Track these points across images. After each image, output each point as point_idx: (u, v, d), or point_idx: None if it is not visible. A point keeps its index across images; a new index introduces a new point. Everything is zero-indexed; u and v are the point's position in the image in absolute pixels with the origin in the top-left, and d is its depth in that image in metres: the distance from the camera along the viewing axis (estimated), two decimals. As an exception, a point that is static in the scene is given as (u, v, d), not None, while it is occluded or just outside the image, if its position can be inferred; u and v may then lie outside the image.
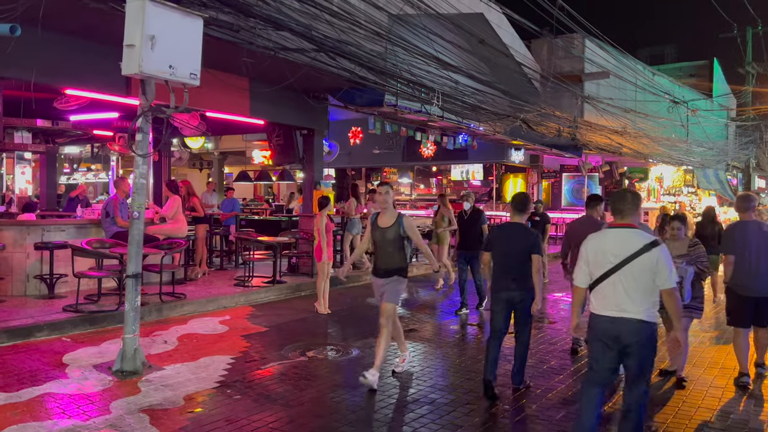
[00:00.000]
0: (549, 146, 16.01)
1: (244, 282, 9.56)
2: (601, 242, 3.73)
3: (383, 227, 5.34)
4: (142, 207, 5.63)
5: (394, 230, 5.30)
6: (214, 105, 8.86)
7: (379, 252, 5.37)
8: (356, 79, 8.44)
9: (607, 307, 3.65)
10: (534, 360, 6.11)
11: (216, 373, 5.48)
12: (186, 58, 5.24)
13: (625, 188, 15.34)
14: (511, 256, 5.03)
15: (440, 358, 6.26)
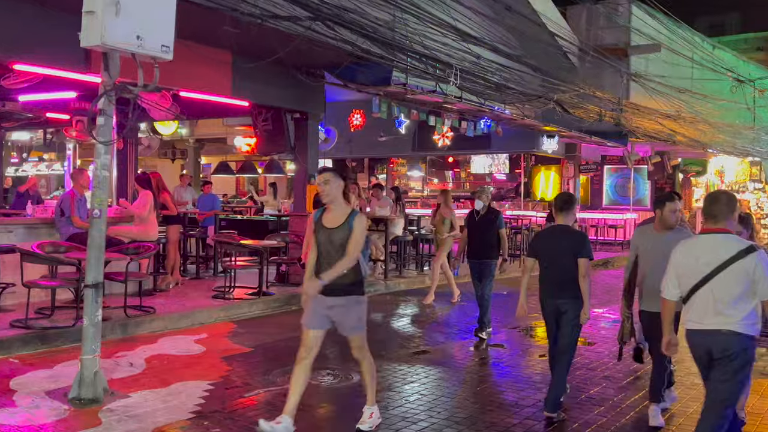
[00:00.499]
0: (588, 133, 15.96)
1: (225, 294, 9.59)
2: (692, 249, 4.10)
3: (330, 228, 4.80)
4: (104, 204, 5.65)
5: (343, 232, 4.75)
6: (189, 83, 8.88)
7: (325, 261, 4.80)
8: (358, 52, 8.43)
9: (699, 319, 3.97)
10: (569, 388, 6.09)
11: (190, 401, 5.49)
12: (157, 28, 5.25)
13: (717, 189, 15.28)
14: (557, 262, 5.39)
15: (457, 385, 6.26)
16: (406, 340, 8.22)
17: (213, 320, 8.67)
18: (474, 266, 8.32)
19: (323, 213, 4.91)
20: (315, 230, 4.94)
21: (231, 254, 10.36)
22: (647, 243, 5.21)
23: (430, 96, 10.86)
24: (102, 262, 5.67)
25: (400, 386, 6.11)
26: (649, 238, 5.22)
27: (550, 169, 21.91)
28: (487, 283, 8.23)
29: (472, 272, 8.36)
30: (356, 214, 4.87)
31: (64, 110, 12.01)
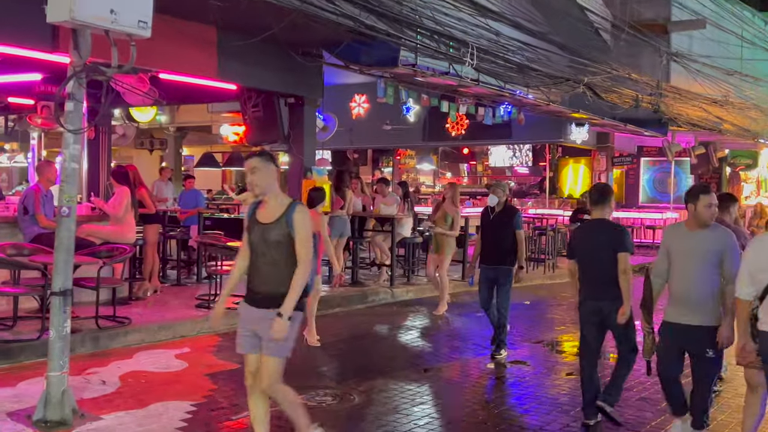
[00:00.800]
0: (622, 121, 15.94)
1: (209, 303, 9.60)
2: (766, 245, 4.46)
3: (264, 223, 4.49)
4: (73, 201, 5.66)
5: (280, 229, 4.42)
6: (170, 64, 8.90)
7: (257, 263, 4.52)
8: (362, 28, 8.43)
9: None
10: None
11: (171, 424, 5.50)
12: (133, 1, 5.26)
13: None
14: (595, 260, 5.59)
15: (473, 407, 6.25)
16: (414, 356, 8.22)
17: (196, 333, 8.67)
18: (486, 273, 8.02)
19: (257, 207, 4.58)
20: (248, 227, 4.59)
21: (216, 258, 10.37)
22: (679, 243, 5.16)
23: (442, 78, 10.85)
24: (71, 266, 5.68)
25: (408, 408, 6.10)
26: (681, 238, 5.17)
27: (579, 161, 21.89)
28: (503, 294, 7.96)
29: (482, 280, 8.06)
30: (296, 206, 4.49)
31: (28, 94, 12.03)
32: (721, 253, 4.93)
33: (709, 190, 5.13)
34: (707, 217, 5.03)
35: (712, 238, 4.99)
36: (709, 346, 4.92)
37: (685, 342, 5.03)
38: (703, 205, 5.00)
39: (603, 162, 20.16)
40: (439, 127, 17.27)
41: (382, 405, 6.19)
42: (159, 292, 10.42)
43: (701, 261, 4.96)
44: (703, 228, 5.04)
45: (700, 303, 4.95)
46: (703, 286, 4.94)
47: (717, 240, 4.98)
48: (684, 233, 5.16)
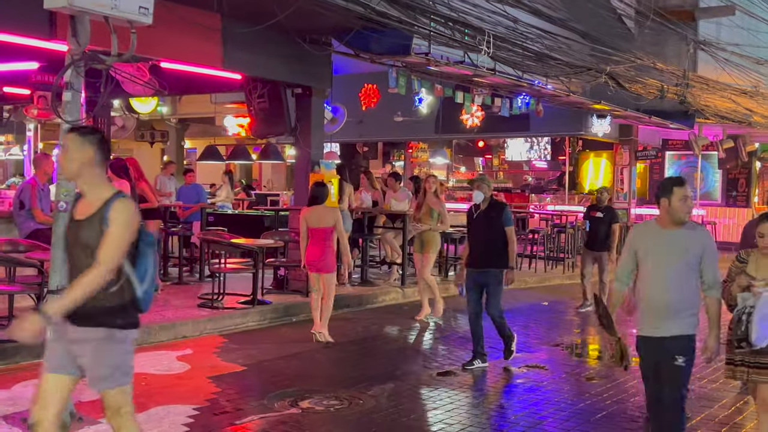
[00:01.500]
0: (647, 113, 15.86)
1: (213, 302, 9.63)
2: None
3: (78, 219, 3.80)
4: (71, 195, 5.67)
5: (93, 227, 3.71)
6: (172, 52, 8.90)
7: (73, 270, 3.82)
8: (372, 15, 8.42)
9: None
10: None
11: (172, 429, 5.52)
12: (133, -14, 5.28)
13: None
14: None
15: (488, 413, 6.24)
16: (427, 359, 8.22)
17: (199, 333, 8.70)
18: (474, 278, 7.65)
19: (77, 200, 3.91)
20: (67, 225, 3.95)
21: (220, 255, 10.39)
22: (651, 244, 4.72)
23: (457, 68, 10.82)
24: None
25: (420, 413, 6.10)
26: (654, 238, 4.73)
27: (600, 155, 21.80)
28: (494, 300, 7.59)
29: (470, 286, 7.70)
30: (119, 197, 3.81)
31: (24, 84, 12.08)
32: (699, 254, 4.58)
33: (684, 182, 4.65)
34: (683, 213, 4.61)
35: (690, 238, 4.64)
36: (679, 352, 4.55)
37: (659, 354, 4.65)
38: (678, 198, 4.57)
39: (626, 156, 20.06)
40: (454, 119, 17.22)
41: (392, 410, 6.19)
42: (160, 290, 10.44)
43: (677, 263, 4.59)
44: (679, 226, 4.64)
45: (676, 311, 4.59)
46: (679, 292, 4.57)
47: (695, 239, 4.63)
48: (656, 232, 4.73)
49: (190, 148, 25.23)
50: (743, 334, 4.69)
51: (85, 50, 5.57)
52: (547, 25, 10.81)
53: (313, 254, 8.50)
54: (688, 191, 4.66)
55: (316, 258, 8.52)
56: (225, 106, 18.44)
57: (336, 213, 8.75)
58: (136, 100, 15.08)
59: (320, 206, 8.61)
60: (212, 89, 13.74)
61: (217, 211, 14.94)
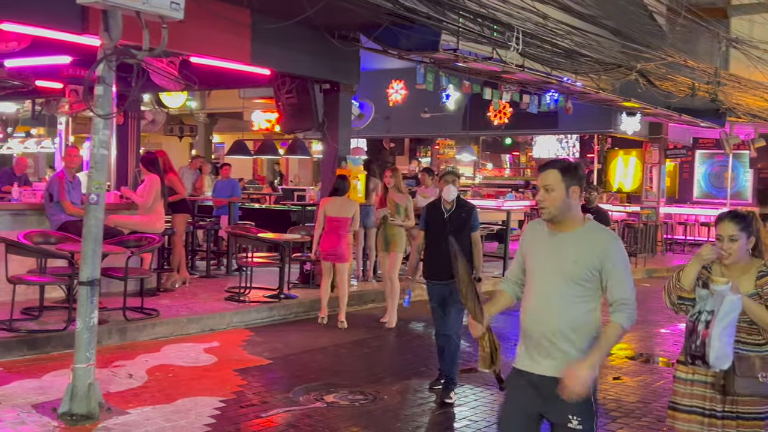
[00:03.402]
0: (677, 111, 15.71)
1: (239, 295, 9.70)
2: None
3: None
4: (102, 188, 5.75)
5: None
6: (201, 47, 8.97)
7: None
8: (401, 11, 8.41)
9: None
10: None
11: (199, 420, 5.57)
12: (165, -19, 5.32)
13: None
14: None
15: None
16: (452, 356, 8.21)
17: (225, 326, 8.78)
18: (438, 291, 6.53)
19: None
20: None
21: (247, 249, 10.46)
22: (537, 249, 3.55)
23: (485, 64, 10.78)
24: (99, 255, 5.78)
25: (445, 410, 6.10)
26: (541, 241, 3.55)
27: (629, 153, 21.60)
28: (455, 315, 6.43)
29: (432, 299, 6.65)
30: None
31: (57, 78, 12.23)
32: (597, 265, 3.34)
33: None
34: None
35: (584, 242, 3.40)
36: (574, 411, 3.32)
37: (541, 403, 3.44)
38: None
39: (655, 154, 19.87)
40: (481, 116, 17.16)
41: (416, 406, 6.20)
42: (188, 283, 10.55)
43: (561, 278, 3.38)
44: (571, 227, 3.45)
45: (561, 341, 3.36)
46: (565, 316, 3.36)
47: (591, 245, 3.38)
48: (544, 234, 3.53)
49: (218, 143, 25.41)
50: (698, 350, 3.64)
51: (116, 45, 5.63)
52: (578, 22, 10.73)
53: (328, 243, 8.91)
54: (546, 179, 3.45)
55: (331, 247, 8.91)
56: (253, 101, 18.52)
57: (355, 206, 9.14)
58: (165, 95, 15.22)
59: (340, 197, 9.04)
60: (241, 84, 13.80)
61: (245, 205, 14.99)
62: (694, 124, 17.59)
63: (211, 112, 21.01)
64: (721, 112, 16.28)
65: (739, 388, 3.74)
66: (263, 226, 11.65)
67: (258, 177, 26.15)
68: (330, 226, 8.93)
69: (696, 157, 22.12)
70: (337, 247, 8.93)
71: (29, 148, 23.69)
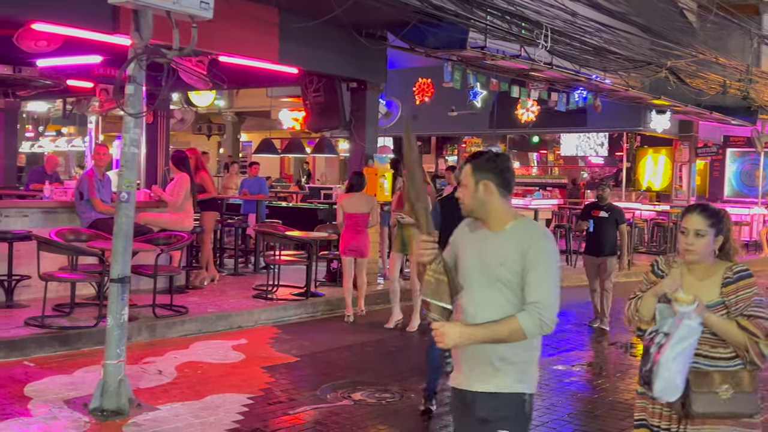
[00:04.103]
0: (708, 108, 15.55)
1: (267, 293, 9.75)
2: None
3: None
4: (133, 186, 5.81)
5: None
6: (230, 46, 9.03)
7: None
8: (429, 9, 8.41)
9: None
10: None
11: (228, 417, 5.61)
12: (195, -19, 5.37)
13: None
14: None
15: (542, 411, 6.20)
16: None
17: (253, 324, 8.83)
18: None
19: None
20: None
21: (274, 247, 10.51)
22: (466, 247, 3.16)
23: (513, 62, 10.74)
24: (129, 253, 5.84)
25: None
26: (471, 239, 3.16)
27: (659, 151, 21.42)
28: None
29: None
30: None
31: (87, 77, 12.38)
32: (518, 267, 2.95)
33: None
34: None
35: (511, 242, 3.00)
36: (499, 424, 3.00)
37: (473, 424, 3.09)
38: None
39: (686, 152, 19.67)
40: (508, 114, 17.10)
41: (444, 405, 6.19)
42: (216, 281, 10.63)
43: (489, 283, 3.01)
44: (500, 225, 3.07)
45: (492, 354, 3.00)
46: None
47: (517, 244, 2.98)
48: (475, 232, 3.16)
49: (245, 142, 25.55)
50: (647, 375, 3.23)
51: (147, 44, 5.69)
52: (607, 19, 10.65)
53: (348, 239, 9.06)
54: (463, 175, 3.11)
55: (351, 242, 9.05)
56: (280, 100, 18.62)
57: (372, 201, 9.29)
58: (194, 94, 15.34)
59: (357, 193, 9.17)
60: (268, 83, 13.88)
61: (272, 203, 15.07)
62: (725, 122, 17.41)
63: (239, 110, 21.15)
64: (753, 110, 16.12)
65: (697, 406, 3.22)
66: (290, 225, 11.70)
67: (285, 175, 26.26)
68: (349, 223, 9.07)
69: (727, 155, 21.88)
70: (357, 243, 9.09)
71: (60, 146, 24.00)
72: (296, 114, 18.77)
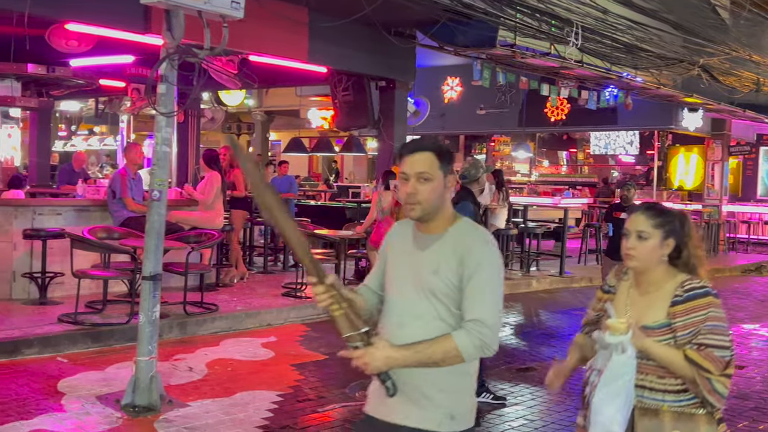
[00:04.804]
0: (741, 106, 15.37)
1: (296, 291, 9.78)
2: None
3: None
4: (165, 184, 5.86)
5: None
6: (260, 45, 9.08)
7: None
8: (458, 7, 8.39)
9: None
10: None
11: (257, 414, 5.64)
12: (226, -19, 5.41)
13: None
14: None
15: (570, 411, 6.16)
16: (508, 354, 8.15)
17: (282, 321, 8.87)
18: None
19: None
20: None
21: (303, 246, 10.54)
22: (399, 252, 2.73)
23: (543, 60, 10.69)
24: (161, 251, 5.89)
25: (501, 409, 6.07)
26: (403, 244, 2.72)
27: (690, 150, 21.16)
28: None
29: None
30: None
31: (119, 77, 12.52)
32: (458, 274, 2.52)
33: (421, 148, 2.61)
34: (405, 204, 2.61)
35: (448, 247, 2.57)
36: None
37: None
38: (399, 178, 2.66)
39: (718, 151, 19.43)
40: (538, 112, 17.02)
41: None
42: (246, 279, 10.69)
43: (419, 295, 2.58)
44: (437, 229, 2.63)
45: (420, 379, 2.54)
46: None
47: (454, 250, 2.56)
48: (409, 237, 2.71)
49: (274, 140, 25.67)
50: (584, 411, 2.88)
51: (179, 44, 5.74)
52: (638, 16, 10.56)
53: (378, 234, 9.26)
54: (419, 165, 2.56)
55: (380, 238, 8.96)
56: (309, 99, 18.69)
57: None
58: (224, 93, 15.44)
59: (387, 191, 9.34)
60: (298, 82, 13.95)
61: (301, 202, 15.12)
62: (758, 120, 17.19)
63: (268, 109, 21.25)
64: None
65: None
66: (319, 223, 11.74)
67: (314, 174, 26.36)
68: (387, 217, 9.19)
69: (760, 153, 21.57)
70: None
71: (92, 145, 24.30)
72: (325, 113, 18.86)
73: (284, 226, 2.47)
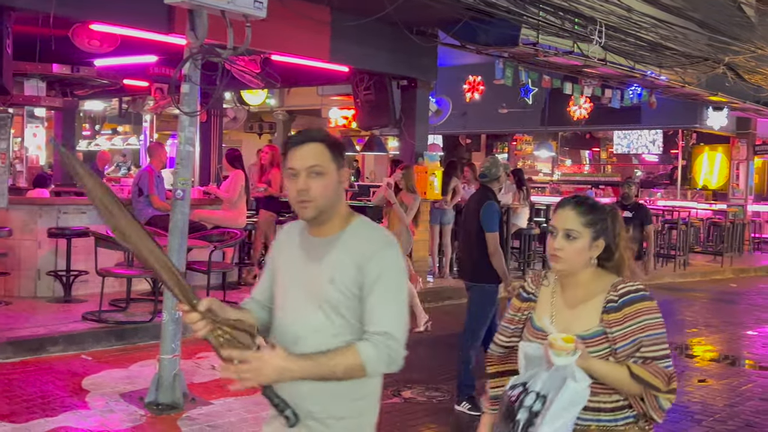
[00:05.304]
0: (767, 105, 15.18)
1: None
2: None
3: None
4: (188, 183, 5.89)
5: None
6: (283, 45, 9.11)
7: None
8: (480, 5, 8.37)
9: None
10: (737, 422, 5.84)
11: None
12: (249, -19, 5.43)
13: None
14: None
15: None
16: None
17: (304, 321, 8.88)
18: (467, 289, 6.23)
19: None
20: None
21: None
22: (289, 259, 2.45)
23: (566, 58, 10.64)
24: (185, 249, 5.93)
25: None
26: (290, 248, 2.46)
27: (715, 149, 20.95)
28: (467, 317, 6.11)
29: None
30: None
31: (143, 76, 12.61)
32: (357, 281, 2.26)
33: (309, 139, 2.33)
34: (296, 204, 2.33)
35: (344, 251, 2.32)
36: None
37: None
38: (286, 174, 2.37)
39: (743, 150, 19.24)
40: (561, 111, 16.92)
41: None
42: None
43: (318, 304, 2.30)
44: (331, 230, 2.37)
45: (313, 403, 2.26)
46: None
47: (351, 254, 2.30)
48: (298, 241, 2.45)
49: (296, 140, 25.69)
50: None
51: (202, 44, 5.76)
52: (663, 14, 10.48)
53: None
54: (310, 158, 2.29)
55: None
56: (331, 98, 18.70)
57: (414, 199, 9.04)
58: (246, 92, 15.49)
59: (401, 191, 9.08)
60: (319, 82, 13.96)
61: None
62: (785, 119, 16.99)
63: (290, 109, 21.29)
64: (814, 106, 15.70)
65: None
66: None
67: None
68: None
69: (786, 153, 21.32)
70: None
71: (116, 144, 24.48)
72: (346, 112, 18.85)
73: (139, 247, 2.17)
